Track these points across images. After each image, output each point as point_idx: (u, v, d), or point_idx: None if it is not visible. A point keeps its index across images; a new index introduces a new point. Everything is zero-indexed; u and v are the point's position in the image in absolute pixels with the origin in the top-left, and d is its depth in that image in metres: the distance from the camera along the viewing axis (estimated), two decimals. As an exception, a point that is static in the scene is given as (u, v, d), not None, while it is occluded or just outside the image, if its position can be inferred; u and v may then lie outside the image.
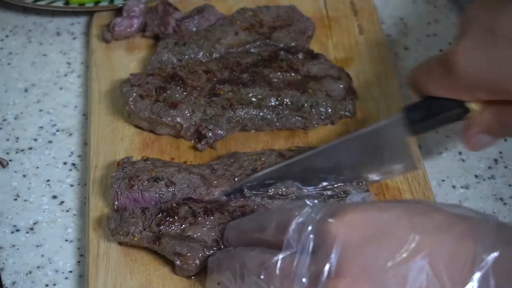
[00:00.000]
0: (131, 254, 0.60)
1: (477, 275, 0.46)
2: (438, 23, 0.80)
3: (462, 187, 0.67)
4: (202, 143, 0.66)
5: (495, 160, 0.69)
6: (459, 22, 0.58)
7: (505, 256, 0.46)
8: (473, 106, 0.57)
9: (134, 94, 0.67)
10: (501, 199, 0.66)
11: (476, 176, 0.68)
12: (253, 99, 0.67)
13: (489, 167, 0.68)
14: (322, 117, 0.67)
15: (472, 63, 0.55)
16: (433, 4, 0.82)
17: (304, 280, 0.48)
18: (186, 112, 0.66)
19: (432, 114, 0.59)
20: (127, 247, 0.61)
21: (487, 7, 0.55)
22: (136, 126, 0.69)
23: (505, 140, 0.70)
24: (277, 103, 0.67)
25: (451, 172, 0.68)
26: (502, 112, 0.57)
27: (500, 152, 0.69)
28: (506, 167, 0.68)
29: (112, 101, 0.71)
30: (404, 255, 0.47)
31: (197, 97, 0.67)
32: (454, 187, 0.67)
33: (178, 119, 0.66)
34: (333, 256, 0.48)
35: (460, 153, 0.69)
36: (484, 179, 0.67)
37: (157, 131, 0.68)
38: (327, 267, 0.47)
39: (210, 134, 0.66)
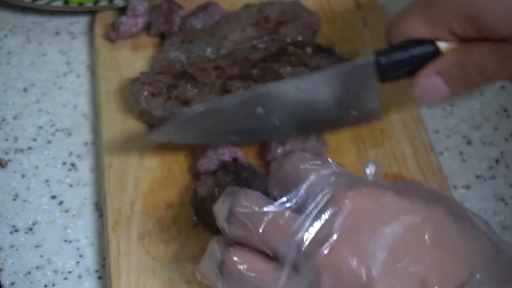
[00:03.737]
0: (152, 253, 0.60)
1: None
2: (439, 22, 0.80)
3: (463, 187, 0.67)
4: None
5: (496, 160, 0.69)
6: None
7: None
8: (444, 46, 0.54)
9: (145, 93, 0.67)
10: (502, 199, 0.66)
11: (477, 176, 0.68)
12: None
13: (490, 167, 0.68)
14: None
15: None
16: (433, 3, 0.82)
17: (305, 239, 0.46)
18: None
19: (402, 57, 0.56)
20: (147, 245, 0.60)
21: None
22: (148, 125, 0.68)
23: (506, 140, 0.70)
24: None
25: (451, 172, 0.67)
26: (468, 52, 0.54)
27: (501, 152, 0.69)
28: (507, 167, 0.68)
29: (121, 101, 0.71)
30: (404, 262, 0.45)
31: (209, 93, 0.67)
32: (455, 187, 0.67)
33: None
34: (340, 231, 0.46)
35: (460, 153, 0.69)
36: (485, 179, 0.67)
37: None
38: (331, 239, 0.45)
39: None
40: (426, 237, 0.46)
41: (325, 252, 0.45)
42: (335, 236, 0.46)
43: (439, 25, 0.54)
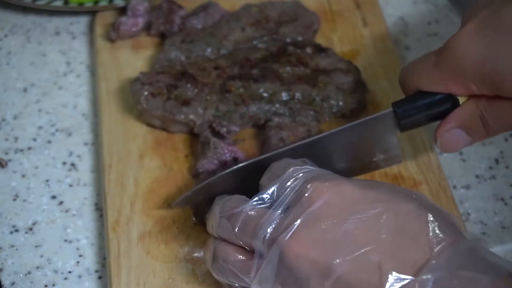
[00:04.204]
0: (152, 253, 0.60)
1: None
2: (439, 22, 0.80)
3: (462, 187, 0.67)
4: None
5: (496, 160, 0.69)
6: (465, 14, 0.55)
7: (446, 279, 0.46)
8: (462, 101, 0.55)
9: (146, 93, 0.67)
10: (502, 199, 0.66)
11: (477, 176, 0.68)
12: (264, 94, 0.67)
13: (490, 167, 0.68)
14: (334, 110, 0.68)
15: (470, 50, 0.52)
16: (433, 3, 0.82)
17: (267, 232, 0.50)
18: (199, 109, 0.66)
19: (419, 108, 0.57)
20: (147, 245, 0.61)
21: None
22: (148, 125, 0.68)
23: (506, 140, 0.70)
24: (288, 97, 0.67)
25: (451, 172, 0.67)
26: (486, 106, 0.54)
27: (501, 152, 0.69)
28: (507, 167, 0.68)
29: (121, 100, 0.71)
30: (362, 249, 0.47)
31: (209, 93, 0.67)
32: (454, 187, 0.67)
33: (191, 116, 0.66)
34: (300, 219, 0.49)
35: (460, 153, 0.69)
36: (485, 179, 0.67)
37: (170, 129, 0.68)
38: (291, 228, 0.49)
39: (224, 130, 0.66)
40: (385, 224, 0.48)
41: (285, 239, 0.49)
42: (296, 225, 0.49)
43: (454, 84, 0.54)
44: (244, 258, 0.52)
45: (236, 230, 0.52)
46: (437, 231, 0.48)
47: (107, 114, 0.70)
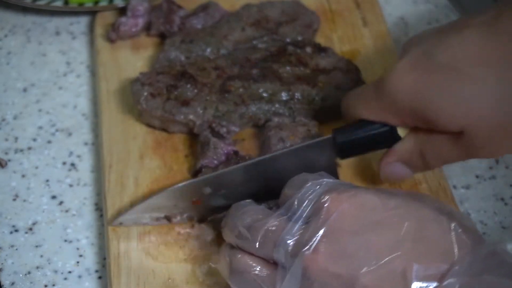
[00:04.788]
0: (152, 253, 0.60)
1: None
2: (439, 22, 0.80)
3: (462, 187, 0.67)
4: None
5: (496, 160, 0.69)
6: (402, 47, 0.57)
7: (471, 284, 0.46)
8: (401, 132, 0.57)
9: (145, 93, 0.67)
10: (502, 199, 0.66)
11: (477, 176, 0.68)
12: (264, 94, 0.67)
13: (490, 167, 0.68)
14: (334, 110, 0.68)
15: (403, 86, 0.54)
16: (433, 3, 0.82)
17: (289, 245, 0.49)
18: (199, 109, 0.66)
19: (359, 137, 0.58)
20: (147, 245, 0.60)
21: (433, 33, 0.55)
22: (148, 125, 0.68)
23: (506, 140, 0.70)
24: (288, 97, 0.67)
25: (451, 172, 0.67)
26: (424, 141, 0.56)
27: (501, 152, 0.69)
28: (507, 167, 0.68)
29: (121, 101, 0.71)
30: (385, 258, 0.47)
31: (209, 93, 0.67)
32: (454, 187, 0.67)
33: (191, 116, 0.66)
34: (321, 232, 0.48)
35: (460, 153, 0.69)
36: (485, 179, 0.67)
37: (169, 129, 0.68)
38: (312, 241, 0.48)
39: (224, 130, 0.66)
40: (406, 232, 0.48)
41: (308, 253, 0.48)
42: (317, 238, 0.48)
43: (390, 116, 0.56)
44: (266, 270, 0.51)
45: (257, 244, 0.51)
46: (459, 237, 0.48)
47: (107, 114, 0.70)
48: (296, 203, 0.51)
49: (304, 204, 0.51)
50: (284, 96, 0.67)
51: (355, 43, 0.75)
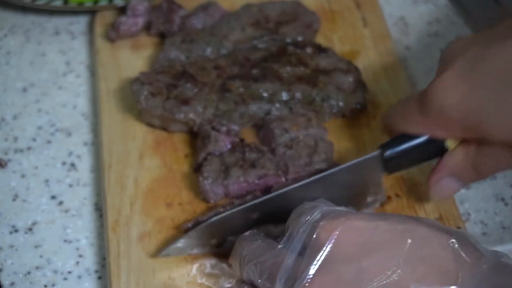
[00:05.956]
0: (152, 253, 0.60)
1: None
2: (439, 22, 0.80)
3: (463, 187, 0.67)
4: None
5: (496, 160, 0.69)
6: (441, 56, 0.56)
7: None
8: (449, 143, 0.56)
9: (145, 92, 0.67)
10: (502, 199, 0.66)
11: (477, 176, 0.67)
12: (264, 94, 0.67)
13: (490, 167, 0.68)
14: (334, 110, 0.68)
15: (451, 99, 0.52)
16: (433, 3, 0.82)
17: (283, 280, 0.48)
18: (199, 108, 0.66)
19: (407, 152, 0.57)
20: (147, 245, 0.60)
21: (474, 42, 0.53)
22: (148, 124, 0.68)
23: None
24: (288, 97, 0.67)
25: (452, 172, 0.67)
26: (476, 153, 0.55)
27: (501, 152, 0.69)
28: (507, 167, 0.68)
29: (121, 100, 0.70)
30: (381, 285, 0.46)
31: (209, 93, 0.67)
32: (455, 187, 0.67)
33: (191, 115, 0.66)
34: (314, 263, 0.47)
35: (461, 153, 0.69)
36: (485, 179, 0.67)
37: (169, 128, 0.68)
38: (305, 273, 0.47)
39: (224, 129, 0.66)
40: (404, 253, 0.47)
41: (301, 287, 0.47)
42: (310, 272, 0.47)
43: (437, 129, 0.55)
44: None
45: (259, 279, 0.51)
46: (458, 254, 0.47)
47: (106, 114, 0.70)
48: (293, 234, 0.50)
49: (298, 235, 0.50)
50: (284, 95, 0.67)
51: (355, 44, 0.75)
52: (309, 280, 0.47)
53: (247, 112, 0.67)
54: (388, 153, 0.58)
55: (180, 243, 0.59)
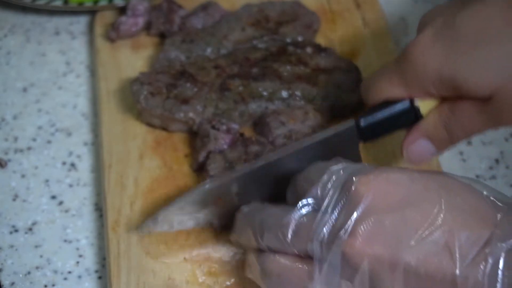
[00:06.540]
0: (152, 253, 0.60)
1: (489, 261, 0.45)
2: (439, 22, 0.80)
3: (463, 187, 0.67)
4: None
5: (496, 160, 0.69)
6: (420, 21, 0.57)
7: None
8: (423, 105, 0.56)
9: (145, 92, 0.67)
10: (502, 199, 0.66)
11: (477, 176, 0.67)
12: (264, 93, 0.67)
13: (490, 167, 0.68)
14: (334, 109, 0.68)
15: (428, 57, 0.54)
16: (433, 3, 0.81)
17: (324, 234, 0.48)
18: (198, 107, 0.66)
19: (380, 117, 0.58)
20: (147, 245, 0.60)
21: (451, 6, 0.55)
22: (148, 124, 0.68)
23: (506, 140, 0.70)
24: (288, 96, 0.67)
25: (451, 172, 0.67)
26: (449, 112, 0.56)
27: (501, 152, 0.69)
28: (507, 167, 0.68)
29: (121, 100, 0.71)
30: (425, 232, 0.46)
31: (208, 92, 0.67)
32: (455, 187, 0.67)
33: (191, 115, 0.66)
34: (355, 215, 0.47)
35: (461, 153, 0.69)
36: (485, 179, 0.67)
37: (169, 128, 0.68)
38: (347, 225, 0.47)
39: (224, 128, 0.66)
40: (442, 202, 0.47)
41: (345, 238, 0.47)
42: (352, 222, 0.47)
43: (414, 88, 0.56)
44: (302, 265, 0.50)
45: (288, 241, 0.50)
46: (493, 201, 0.48)
47: (106, 114, 0.70)
48: (319, 192, 0.50)
49: (330, 192, 0.49)
50: (284, 94, 0.67)
51: (356, 44, 0.75)
52: (351, 230, 0.47)
53: (246, 110, 0.67)
54: (363, 121, 0.58)
55: (161, 216, 0.59)
